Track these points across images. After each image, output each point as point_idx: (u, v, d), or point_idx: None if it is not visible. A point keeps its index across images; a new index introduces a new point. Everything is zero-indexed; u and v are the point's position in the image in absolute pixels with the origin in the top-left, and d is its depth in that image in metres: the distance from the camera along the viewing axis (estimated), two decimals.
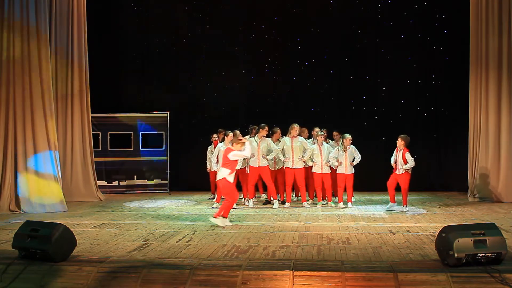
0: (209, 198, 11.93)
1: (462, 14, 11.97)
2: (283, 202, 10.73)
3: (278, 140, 10.82)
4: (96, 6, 13.16)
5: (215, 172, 10.61)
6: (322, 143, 10.47)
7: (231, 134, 10.49)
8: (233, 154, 8.27)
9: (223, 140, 10.73)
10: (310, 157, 10.47)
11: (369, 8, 13.36)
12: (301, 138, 10.60)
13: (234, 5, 13.80)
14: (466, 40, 11.63)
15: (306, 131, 11.22)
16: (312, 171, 10.58)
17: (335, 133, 11.21)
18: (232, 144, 8.48)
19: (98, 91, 13.03)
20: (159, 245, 6.81)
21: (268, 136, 10.64)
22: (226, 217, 8.28)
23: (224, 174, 8.25)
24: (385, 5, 13.32)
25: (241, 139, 8.51)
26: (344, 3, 13.48)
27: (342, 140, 10.30)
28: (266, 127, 10.53)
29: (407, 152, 9.61)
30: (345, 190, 10.45)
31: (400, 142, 9.72)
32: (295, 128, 10.45)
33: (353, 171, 10.38)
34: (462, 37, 12.08)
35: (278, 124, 11.11)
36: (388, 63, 13.24)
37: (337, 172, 10.35)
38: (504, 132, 11.00)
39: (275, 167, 10.88)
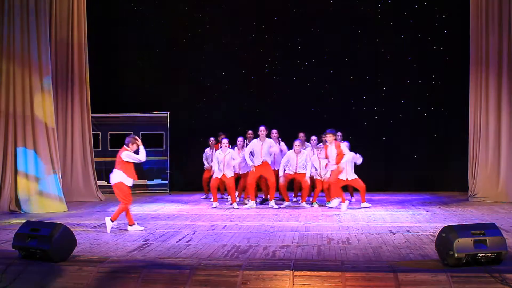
0: (201, 198, 12.02)
1: (462, 14, 11.97)
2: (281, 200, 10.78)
3: (278, 141, 10.83)
4: (96, 7, 13.15)
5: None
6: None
7: (225, 141, 10.44)
8: (126, 154, 7.94)
9: None
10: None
11: (369, 8, 13.35)
12: (304, 151, 10.56)
13: (234, 5, 13.78)
14: (466, 40, 11.62)
15: (301, 135, 11.10)
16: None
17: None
18: (128, 145, 8.04)
19: (98, 91, 13.02)
20: (159, 245, 6.81)
21: (268, 136, 10.63)
22: (113, 221, 8.01)
23: (121, 178, 7.96)
24: (385, 5, 13.31)
25: (137, 140, 8.05)
26: (344, 3, 13.46)
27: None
28: (263, 129, 10.48)
29: (342, 144, 9.88)
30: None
31: (331, 138, 9.88)
32: (297, 144, 10.40)
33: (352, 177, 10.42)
34: (462, 37, 12.08)
35: (278, 125, 11.09)
36: (388, 63, 13.24)
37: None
38: (504, 132, 10.99)
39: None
